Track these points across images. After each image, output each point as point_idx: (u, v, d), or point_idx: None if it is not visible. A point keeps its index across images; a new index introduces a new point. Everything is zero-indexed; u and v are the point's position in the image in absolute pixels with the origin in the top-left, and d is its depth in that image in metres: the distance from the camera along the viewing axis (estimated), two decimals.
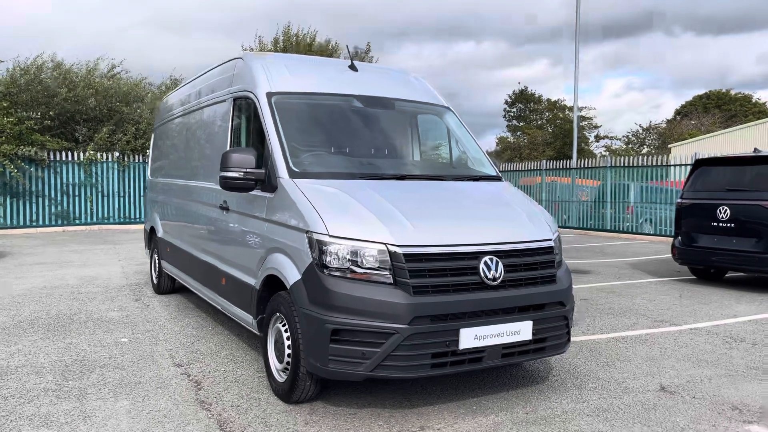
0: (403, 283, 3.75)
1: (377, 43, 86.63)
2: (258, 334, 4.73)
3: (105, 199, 19.73)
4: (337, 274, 3.81)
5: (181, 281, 7.21)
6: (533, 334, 4.09)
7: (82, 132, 20.18)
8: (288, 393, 4.19)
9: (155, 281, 8.35)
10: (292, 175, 4.36)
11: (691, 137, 39.86)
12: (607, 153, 49.45)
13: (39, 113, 18.59)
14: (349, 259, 3.81)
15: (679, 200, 10.09)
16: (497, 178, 5.26)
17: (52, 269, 10.52)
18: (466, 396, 4.45)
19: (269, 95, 4.84)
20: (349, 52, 5.60)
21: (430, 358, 3.78)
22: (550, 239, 4.38)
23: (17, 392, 4.40)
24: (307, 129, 4.97)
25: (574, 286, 4.52)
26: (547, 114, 53.29)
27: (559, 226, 20.43)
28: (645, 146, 51.80)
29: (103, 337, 5.98)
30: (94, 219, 19.54)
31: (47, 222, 18.81)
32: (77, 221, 19.26)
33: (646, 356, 5.54)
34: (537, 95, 55.24)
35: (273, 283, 4.43)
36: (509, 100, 56.31)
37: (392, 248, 3.78)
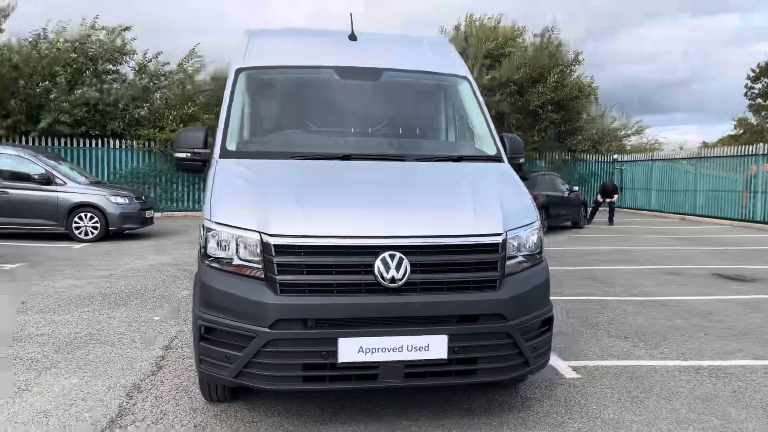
0: (271, 280, 3.22)
1: (614, 25, 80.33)
2: None
3: None
4: (215, 265, 3.41)
5: None
6: (451, 351, 3.24)
7: None
8: (202, 389, 3.91)
9: None
10: (223, 155, 4.04)
11: None
12: None
13: None
14: (226, 249, 3.38)
15: None
16: (495, 159, 4.33)
17: (190, 248, 11.50)
18: (402, 417, 3.73)
19: (238, 71, 4.57)
20: (351, 20, 5.04)
21: (301, 370, 3.20)
22: (498, 234, 3.41)
23: (3, 359, 4.75)
24: (269, 105, 4.63)
25: (717, 297, 3.46)
26: None
27: None
28: None
29: (144, 314, 6.27)
30: None
31: None
32: None
33: (700, 395, 4.16)
34: None
35: None
36: (752, 74, 48.13)
37: (265, 238, 3.26)
